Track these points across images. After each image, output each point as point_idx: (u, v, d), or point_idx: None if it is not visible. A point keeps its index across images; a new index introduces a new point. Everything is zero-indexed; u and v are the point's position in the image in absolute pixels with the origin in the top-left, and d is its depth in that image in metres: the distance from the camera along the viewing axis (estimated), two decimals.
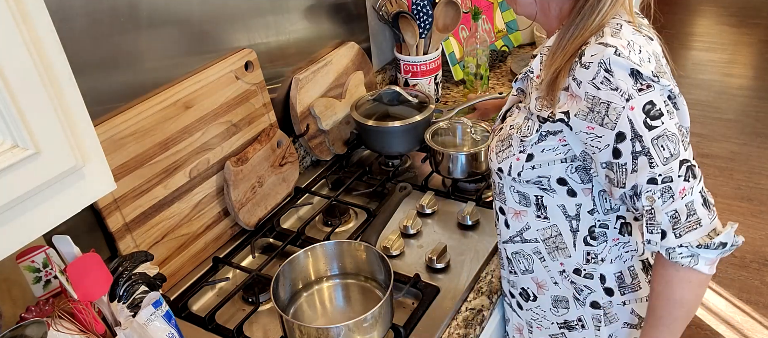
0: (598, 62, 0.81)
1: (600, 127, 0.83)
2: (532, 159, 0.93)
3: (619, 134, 0.81)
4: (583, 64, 0.82)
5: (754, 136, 3.42)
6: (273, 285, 1.06)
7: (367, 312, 0.98)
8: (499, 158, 0.98)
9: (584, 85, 0.82)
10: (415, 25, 1.72)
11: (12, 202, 0.60)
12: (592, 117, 0.83)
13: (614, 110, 0.81)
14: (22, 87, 0.58)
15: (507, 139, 0.97)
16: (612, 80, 0.80)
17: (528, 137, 0.92)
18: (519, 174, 0.95)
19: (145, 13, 1.13)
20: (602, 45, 0.82)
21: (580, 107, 0.84)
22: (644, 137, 0.81)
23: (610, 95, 0.81)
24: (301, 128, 1.51)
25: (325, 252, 1.17)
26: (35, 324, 0.87)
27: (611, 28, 0.85)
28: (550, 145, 0.91)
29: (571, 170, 0.92)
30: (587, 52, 0.83)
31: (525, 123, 0.94)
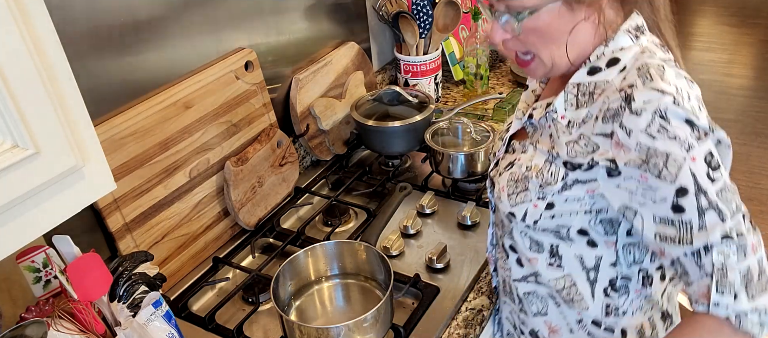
0: (654, 110, 0.73)
1: (656, 179, 0.74)
2: (553, 208, 0.85)
3: (680, 189, 0.73)
4: (634, 111, 0.74)
5: (754, 136, 3.42)
6: (273, 285, 1.06)
7: (367, 312, 0.98)
8: (511, 201, 0.89)
9: (636, 134, 0.74)
10: (415, 25, 1.72)
11: (12, 202, 0.60)
12: (646, 168, 0.74)
13: (674, 161, 0.73)
14: (22, 87, 0.58)
15: (522, 181, 0.88)
16: (669, 129, 0.72)
17: (551, 185, 0.84)
18: (535, 222, 0.88)
19: (145, 13, 1.13)
20: (656, 91, 0.73)
21: (631, 158, 0.75)
22: (709, 191, 0.73)
23: (668, 145, 0.72)
24: (301, 128, 1.51)
25: (325, 252, 1.17)
26: (35, 324, 0.87)
27: (656, 68, 0.76)
28: (575, 195, 0.83)
29: (595, 221, 0.85)
30: (638, 98, 0.74)
31: (546, 167, 0.85)
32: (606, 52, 0.81)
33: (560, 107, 0.84)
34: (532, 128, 0.91)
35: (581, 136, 0.81)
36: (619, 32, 0.81)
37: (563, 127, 0.83)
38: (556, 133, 0.85)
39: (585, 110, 0.81)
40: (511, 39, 0.83)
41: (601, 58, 0.81)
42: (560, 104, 0.84)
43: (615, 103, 0.76)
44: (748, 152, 3.29)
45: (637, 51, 0.80)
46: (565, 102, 0.84)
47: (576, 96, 0.83)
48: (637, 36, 0.81)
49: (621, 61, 0.80)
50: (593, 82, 0.81)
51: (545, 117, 0.87)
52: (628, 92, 0.75)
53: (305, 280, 1.18)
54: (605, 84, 0.79)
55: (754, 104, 3.77)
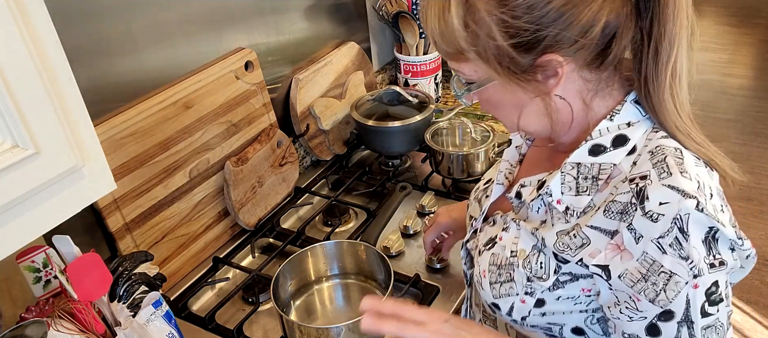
0: (673, 218, 0.61)
1: (648, 302, 0.64)
2: (543, 305, 0.74)
3: (667, 311, 0.64)
4: (647, 214, 0.62)
5: (754, 136, 3.42)
6: (273, 285, 1.06)
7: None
8: (494, 291, 0.77)
9: (644, 242, 0.63)
10: (415, 25, 1.71)
11: (12, 202, 0.60)
12: (642, 288, 0.64)
13: (675, 285, 0.62)
14: (22, 87, 0.58)
15: (506, 268, 0.76)
16: (684, 246, 0.61)
17: (543, 280, 0.72)
18: (523, 318, 0.76)
19: (145, 13, 1.13)
20: (676, 192, 0.62)
21: (629, 268, 0.64)
22: (696, 325, 0.64)
23: (676, 265, 0.62)
24: (301, 128, 1.51)
25: (325, 252, 1.17)
26: (35, 324, 0.87)
27: (673, 155, 0.65)
28: (569, 293, 0.72)
29: (592, 320, 0.74)
30: (653, 197, 0.62)
31: (534, 255, 0.73)
32: (610, 127, 0.70)
33: (556, 189, 0.72)
34: (517, 201, 0.79)
35: (575, 227, 0.69)
36: (626, 103, 0.70)
37: (559, 213, 0.72)
38: (550, 218, 0.73)
39: (587, 198, 0.69)
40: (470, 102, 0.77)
41: (605, 135, 0.70)
42: (556, 186, 0.72)
43: (624, 196, 0.65)
44: (748, 152, 3.29)
45: (648, 127, 0.69)
46: (562, 185, 0.71)
47: (576, 179, 0.70)
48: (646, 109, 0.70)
49: (630, 140, 0.68)
50: (597, 165, 0.69)
51: (540, 200, 0.75)
52: (641, 185, 0.64)
53: (305, 280, 1.18)
54: (612, 169, 0.68)
55: (754, 104, 3.77)
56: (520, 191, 0.77)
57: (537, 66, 0.65)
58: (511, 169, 0.87)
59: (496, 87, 0.70)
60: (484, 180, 0.94)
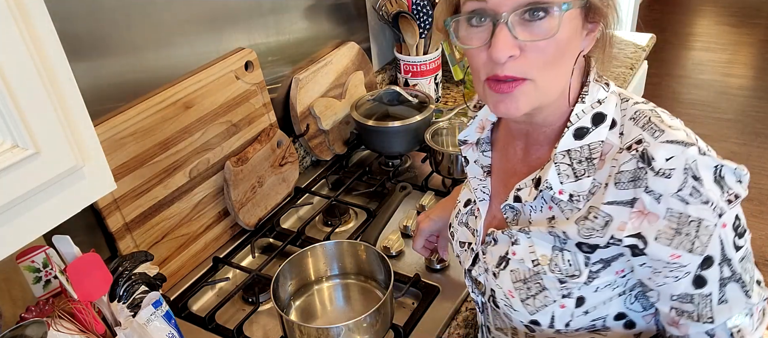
0: (684, 168, 0.63)
1: (688, 254, 0.66)
2: (584, 303, 0.73)
3: (706, 259, 0.66)
4: (658, 173, 0.64)
5: (754, 136, 3.42)
6: (273, 285, 1.06)
7: (367, 312, 0.98)
8: (529, 308, 0.76)
9: (666, 199, 0.64)
10: (415, 25, 1.72)
11: (12, 202, 0.60)
12: (679, 241, 0.65)
13: (706, 229, 0.65)
14: (22, 87, 0.58)
15: (533, 279, 0.75)
16: (702, 191, 0.64)
17: (576, 276, 0.72)
18: (567, 325, 0.75)
19: (145, 13, 1.13)
20: (677, 144, 0.64)
21: (661, 228, 0.65)
22: (733, 260, 0.67)
23: (700, 211, 0.64)
24: (301, 128, 1.51)
25: (325, 252, 1.17)
26: (35, 324, 0.87)
27: (654, 116, 0.68)
28: (606, 281, 0.72)
29: (631, 300, 0.75)
30: (657, 156, 0.64)
31: (557, 256, 0.73)
32: (585, 109, 0.72)
33: (554, 181, 0.72)
34: (512, 211, 0.78)
35: (591, 209, 0.69)
36: (590, 84, 0.72)
37: (565, 203, 0.72)
38: (560, 213, 0.73)
39: (588, 180, 0.70)
40: (517, 57, 0.67)
41: (583, 117, 0.72)
42: (553, 177, 0.72)
43: (629, 165, 0.66)
44: (748, 152, 3.29)
45: (616, 100, 0.73)
46: (559, 175, 0.72)
47: (570, 165, 0.71)
48: (607, 83, 0.74)
49: (607, 115, 0.71)
50: (586, 146, 0.71)
51: (541, 198, 0.74)
52: (641, 149, 0.66)
53: (305, 280, 1.18)
54: (601, 145, 0.70)
55: (754, 104, 3.77)
56: (519, 195, 0.76)
57: (597, 18, 0.69)
58: (484, 182, 0.85)
59: (574, 22, 0.67)
60: (461, 203, 0.91)
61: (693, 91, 3.95)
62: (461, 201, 0.91)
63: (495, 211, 0.84)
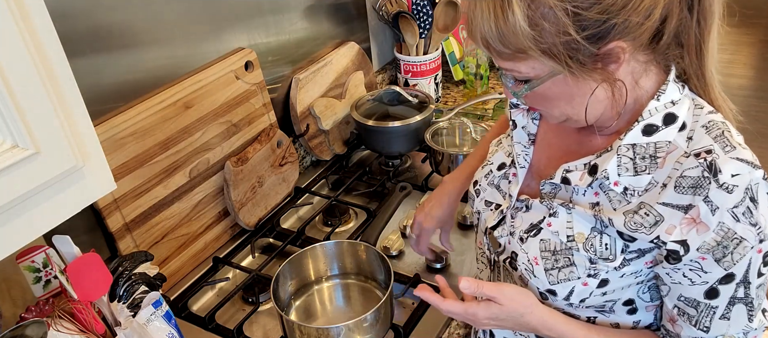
0: (745, 188, 0.65)
1: (713, 262, 0.68)
2: (606, 285, 0.76)
3: (729, 275, 0.68)
4: (722, 186, 0.65)
5: (754, 136, 3.40)
6: (273, 285, 1.06)
7: (367, 312, 0.98)
8: (551, 278, 0.78)
9: (721, 213, 0.66)
10: (415, 25, 1.71)
11: (12, 202, 0.60)
12: (712, 250, 0.67)
13: (743, 248, 0.67)
14: (22, 87, 0.58)
15: (563, 253, 0.77)
16: (754, 213, 0.66)
17: (610, 260, 0.74)
18: (582, 301, 0.78)
19: (145, 13, 1.13)
20: (746, 164, 0.66)
21: (706, 240, 0.67)
22: (752, 284, 0.69)
23: (746, 231, 0.66)
24: (301, 128, 1.51)
25: (325, 252, 1.17)
26: (35, 324, 0.87)
27: (727, 131, 0.69)
28: (634, 269, 0.74)
29: (644, 290, 0.78)
30: (725, 169, 0.66)
31: (595, 237, 0.75)
32: (658, 107, 0.72)
33: (613, 172, 0.72)
34: (551, 187, 0.80)
35: (642, 205, 0.71)
36: (669, 83, 0.72)
37: (618, 195, 0.73)
38: (607, 202, 0.74)
39: (647, 177, 0.71)
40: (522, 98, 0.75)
41: (655, 115, 0.72)
42: (613, 168, 0.73)
43: (693, 171, 0.67)
44: None
45: (690, 104, 0.73)
46: (619, 166, 0.72)
47: (632, 159, 0.72)
48: (682, 86, 0.74)
49: (678, 117, 0.71)
50: (652, 144, 0.71)
51: (592, 185, 0.75)
52: (710, 159, 0.67)
53: (305, 280, 1.18)
54: (667, 146, 0.71)
55: (754, 104, 3.76)
56: (567, 177, 0.77)
57: (601, 54, 0.66)
58: (527, 151, 0.87)
59: (557, 81, 0.69)
60: (495, 165, 0.91)
61: None
62: (494, 163, 0.91)
63: (529, 179, 0.85)
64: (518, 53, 0.67)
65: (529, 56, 0.67)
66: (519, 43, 0.65)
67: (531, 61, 0.68)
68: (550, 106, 0.74)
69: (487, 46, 0.69)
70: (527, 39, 0.65)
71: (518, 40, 0.65)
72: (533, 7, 0.63)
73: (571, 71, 0.67)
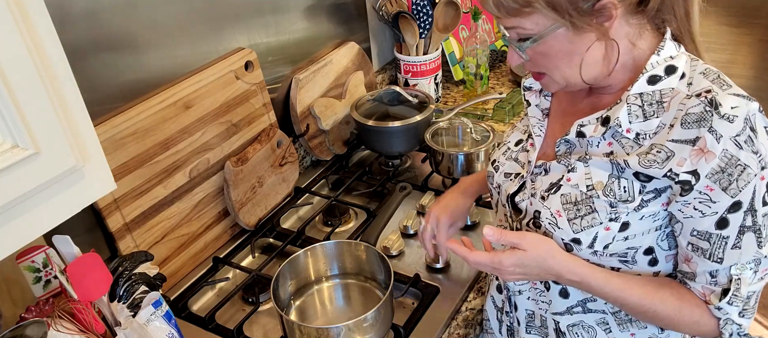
0: (745, 118, 0.71)
1: (721, 191, 0.73)
2: (627, 228, 0.80)
3: (736, 203, 0.73)
4: (724, 117, 0.71)
5: None
6: (273, 285, 1.06)
7: (367, 312, 0.98)
8: (575, 226, 0.82)
9: (724, 140, 0.71)
10: (415, 25, 1.71)
11: (12, 202, 0.60)
12: (718, 178, 0.72)
13: (747, 175, 0.72)
14: (22, 87, 0.58)
15: (584, 202, 0.81)
16: (755, 141, 0.72)
17: (629, 202, 0.78)
18: (606, 247, 0.82)
19: (145, 13, 1.13)
20: (742, 97, 0.72)
21: (712, 166, 0.72)
22: (758, 212, 0.73)
23: (749, 158, 0.71)
24: (301, 128, 1.51)
25: (325, 252, 1.17)
26: (35, 324, 0.87)
27: (721, 74, 0.76)
28: (652, 211, 0.79)
29: (663, 237, 0.82)
30: (725, 103, 0.72)
31: (613, 182, 0.80)
32: (659, 60, 0.79)
33: (624, 119, 0.79)
34: (566, 145, 0.86)
35: (653, 146, 0.76)
36: (667, 41, 0.79)
37: (630, 141, 0.79)
38: (621, 149, 0.80)
39: (656, 120, 0.77)
40: (524, 61, 0.83)
41: (657, 68, 0.79)
42: (624, 116, 0.79)
43: (696, 107, 0.73)
44: None
45: (687, 58, 0.79)
46: (629, 114, 0.79)
47: (641, 107, 0.78)
48: (679, 44, 0.81)
49: (678, 68, 0.78)
50: (657, 91, 0.78)
51: (605, 136, 0.81)
52: (710, 96, 0.72)
53: (305, 280, 1.18)
54: (671, 92, 0.77)
55: None
56: (582, 130, 0.83)
57: (595, 10, 0.74)
58: (541, 123, 0.94)
59: (558, 37, 0.77)
60: (512, 142, 0.98)
61: None
62: (511, 141, 0.99)
63: (546, 148, 0.92)
64: (525, 7, 0.75)
65: (535, 10, 0.74)
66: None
67: (535, 16, 0.75)
68: (551, 65, 0.81)
69: (497, 4, 0.76)
70: None
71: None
72: None
73: (572, 23, 0.74)
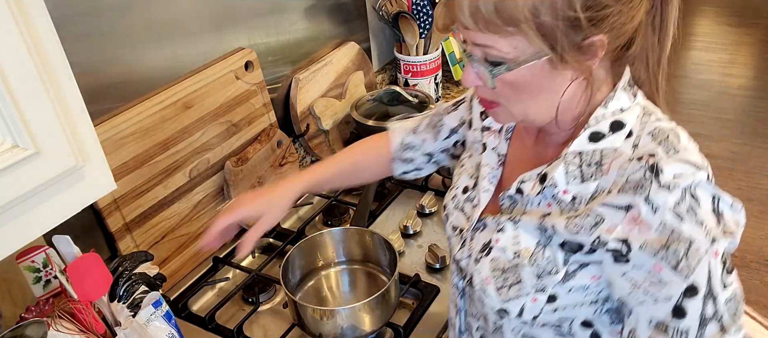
0: (686, 187, 0.63)
1: (671, 271, 0.63)
2: (555, 301, 0.73)
3: (691, 287, 0.63)
4: (663, 185, 0.63)
5: (754, 136, 3.42)
6: (282, 269, 1.10)
7: (373, 295, 1.01)
8: (502, 296, 0.75)
9: (662, 211, 0.63)
10: (415, 25, 1.71)
11: (12, 202, 0.60)
12: (664, 255, 0.63)
13: (696, 252, 0.62)
14: (22, 87, 0.58)
15: (512, 270, 0.74)
16: (698, 212, 0.63)
17: (553, 274, 0.71)
18: (534, 318, 0.75)
19: (145, 13, 1.13)
20: (689, 164, 0.64)
21: (648, 239, 0.64)
22: (718, 297, 0.64)
23: (694, 231, 0.63)
24: (301, 128, 1.51)
25: (333, 239, 1.21)
26: (35, 324, 0.87)
27: (674, 134, 0.67)
28: (580, 283, 0.71)
29: (601, 311, 0.74)
30: (666, 170, 0.63)
31: (540, 251, 0.72)
32: (605, 114, 0.70)
33: (561, 179, 0.71)
34: (510, 201, 0.77)
35: (586, 210, 0.69)
36: (618, 90, 0.71)
37: (567, 203, 0.71)
38: (558, 212, 0.72)
39: (594, 184, 0.69)
40: (483, 87, 0.71)
41: (602, 122, 0.70)
42: (561, 176, 0.71)
43: (636, 173, 0.65)
44: (748, 152, 3.28)
45: (639, 112, 0.71)
46: (566, 174, 0.70)
47: (579, 167, 0.70)
48: (634, 94, 0.72)
49: (626, 124, 0.69)
50: (598, 151, 0.70)
51: (543, 193, 0.73)
52: (653, 161, 0.64)
53: (312, 266, 1.21)
54: (614, 153, 0.69)
55: (754, 104, 3.77)
56: (521, 188, 0.75)
57: (583, 46, 0.64)
58: (495, 172, 0.84)
59: (535, 68, 0.66)
60: (460, 188, 0.89)
61: (693, 91, 3.95)
62: (459, 187, 0.89)
63: (496, 199, 0.82)
64: (508, 26, 0.62)
65: (519, 32, 0.62)
66: (516, 13, 0.61)
67: (517, 39, 0.63)
68: (515, 98, 0.70)
69: (474, 14, 0.63)
70: (528, 8, 0.60)
71: (517, 10, 0.60)
72: None
73: (556, 56, 0.63)
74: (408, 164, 1.05)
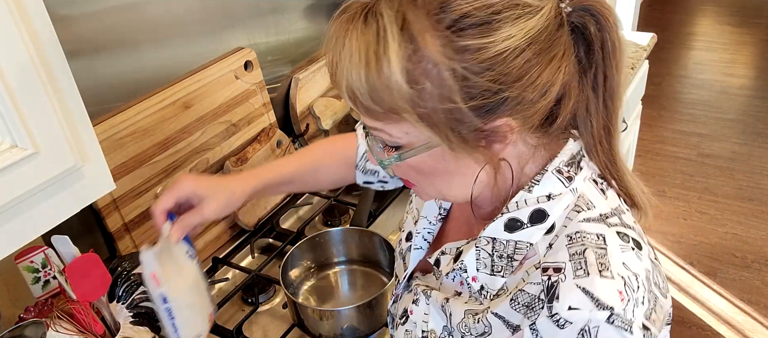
0: (580, 329, 0.53)
1: None
2: None
3: None
4: (553, 317, 0.54)
5: (755, 136, 3.42)
6: (281, 269, 1.09)
7: (372, 296, 1.00)
8: None
9: None
10: None
11: (11, 202, 0.60)
12: None
13: None
14: (21, 87, 0.58)
15: None
16: None
17: None
18: None
19: (145, 13, 1.13)
20: (590, 299, 0.53)
21: None
22: None
23: None
24: (300, 128, 1.51)
25: (332, 239, 1.21)
26: (34, 324, 0.87)
27: (594, 250, 0.55)
28: None
29: None
30: (563, 298, 0.53)
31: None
32: (528, 200, 0.61)
33: (471, 266, 0.63)
34: (435, 266, 0.71)
35: (484, 311, 0.61)
36: (547, 174, 0.61)
37: (475, 291, 0.63)
38: (466, 293, 0.64)
39: (501, 280, 0.61)
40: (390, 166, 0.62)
41: (522, 209, 0.61)
42: (471, 262, 0.63)
43: (533, 288, 0.56)
44: (748, 152, 3.28)
45: (570, 201, 0.60)
46: (477, 260, 0.63)
47: (491, 256, 0.62)
48: (570, 177, 0.61)
49: (549, 217, 0.60)
50: (512, 243, 0.61)
51: (456, 273, 0.66)
52: (554, 280, 0.55)
53: (313, 265, 1.21)
54: (528, 249, 0.60)
55: (754, 103, 3.77)
56: (439, 259, 0.68)
57: (486, 130, 0.56)
58: (431, 228, 0.76)
59: (434, 155, 0.58)
60: (405, 233, 0.81)
61: (694, 90, 3.95)
62: (405, 231, 0.82)
63: (428, 256, 0.75)
64: (391, 113, 0.55)
65: (403, 119, 0.55)
66: (393, 102, 0.53)
67: (405, 125, 0.56)
68: (424, 180, 0.63)
69: (352, 99, 0.56)
70: (403, 99, 0.53)
71: (392, 99, 0.53)
72: (415, 60, 0.52)
73: (450, 145, 0.56)
74: (371, 175, 0.95)
